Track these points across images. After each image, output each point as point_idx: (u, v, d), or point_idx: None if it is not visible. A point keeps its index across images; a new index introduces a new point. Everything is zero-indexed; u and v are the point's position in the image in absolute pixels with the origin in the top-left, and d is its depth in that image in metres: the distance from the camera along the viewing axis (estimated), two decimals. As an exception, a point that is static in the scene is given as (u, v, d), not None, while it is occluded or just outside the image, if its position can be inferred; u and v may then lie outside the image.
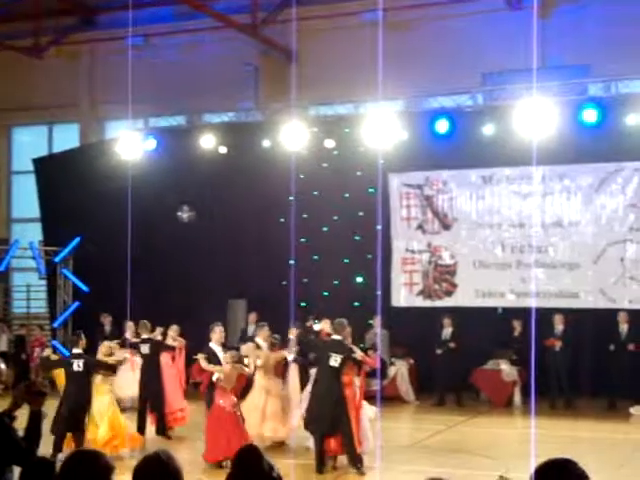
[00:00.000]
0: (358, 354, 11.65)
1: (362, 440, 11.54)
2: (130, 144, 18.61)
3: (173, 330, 15.15)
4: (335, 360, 11.47)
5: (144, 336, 14.60)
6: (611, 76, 17.06)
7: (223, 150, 19.26)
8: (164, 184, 19.63)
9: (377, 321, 18.02)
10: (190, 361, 15.20)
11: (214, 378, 12.28)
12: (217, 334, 13.29)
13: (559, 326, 17.37)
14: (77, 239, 20.78)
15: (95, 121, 24.23)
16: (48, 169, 21.90)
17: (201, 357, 12.85)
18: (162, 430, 14.21)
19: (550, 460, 3.58)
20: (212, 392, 12.42)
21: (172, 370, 14.87)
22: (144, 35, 22.19)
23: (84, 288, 20.79)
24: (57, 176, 21.17)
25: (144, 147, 19.18)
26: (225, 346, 13.55)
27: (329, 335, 12.07)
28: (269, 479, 4.00)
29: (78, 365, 11.68)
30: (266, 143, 18.93)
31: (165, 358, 14.74)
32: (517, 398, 17.65)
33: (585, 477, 3.54)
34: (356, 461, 11.28)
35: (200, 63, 21.83)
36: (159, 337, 14.63)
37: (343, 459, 11.45)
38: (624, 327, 17.16)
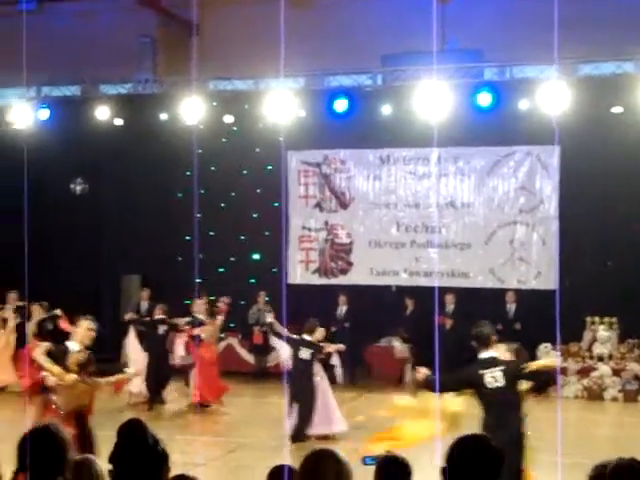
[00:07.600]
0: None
1: None
2: (22, 113, 18.05)
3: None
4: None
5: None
6: (506, 61, 17.40)
7: (119, 122, 18.85)
8: (57, 156, 19.08)
9: (262, 297, 18.39)
10: None
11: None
12: (82, 332, 9.55)
13: (450, 305, 17.79)
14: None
15: (-16, 88, 23.34)
16: None
17: (42, 352, 9.23)
18: None
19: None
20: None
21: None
22: (37, 0, 21.44)
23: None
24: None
25: (37, 117, 18.62)
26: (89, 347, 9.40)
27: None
28: (153, 453, 3.95)
29: None
30: (163, 116, 18.62)
31: None
32: (408, 375, 17.97)
33: None
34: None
35: (96, 32, 21.21)
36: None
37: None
38: (512, 307, 17.69)
